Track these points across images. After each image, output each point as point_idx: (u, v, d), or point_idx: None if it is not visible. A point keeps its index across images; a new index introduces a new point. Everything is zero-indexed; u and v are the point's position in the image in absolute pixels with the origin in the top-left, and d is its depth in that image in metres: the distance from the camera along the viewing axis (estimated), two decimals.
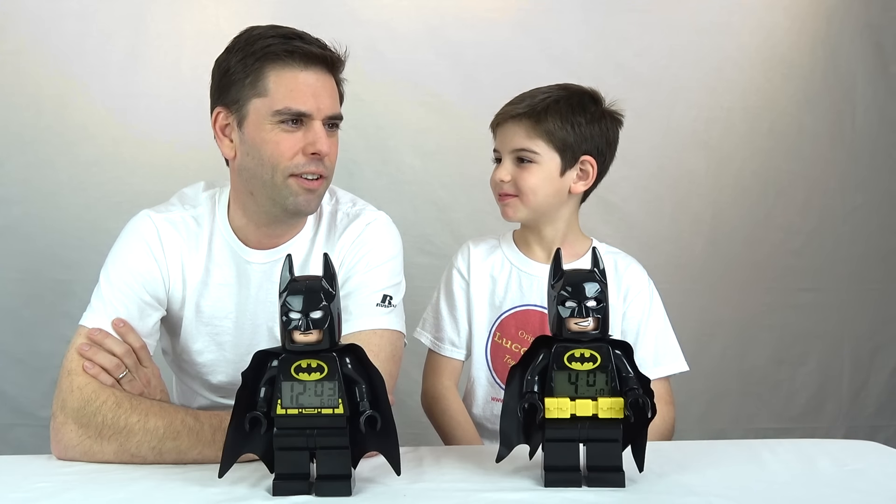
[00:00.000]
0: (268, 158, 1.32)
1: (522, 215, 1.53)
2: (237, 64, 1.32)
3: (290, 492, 1.06)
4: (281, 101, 1.30)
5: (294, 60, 1.31)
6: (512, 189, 1.51)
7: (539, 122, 1.48)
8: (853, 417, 2.56)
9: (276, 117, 1.30)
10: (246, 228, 1.41)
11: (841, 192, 2.52)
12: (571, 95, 1.51)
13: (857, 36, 2.48)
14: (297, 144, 1.31)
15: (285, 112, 1.30)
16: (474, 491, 1.09)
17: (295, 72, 1.31)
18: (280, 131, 1.31)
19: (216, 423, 1.21)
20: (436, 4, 2.35)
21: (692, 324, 2.39)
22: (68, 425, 1.23)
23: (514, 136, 1.50)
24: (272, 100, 1.30)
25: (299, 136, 1.31)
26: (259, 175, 1.33)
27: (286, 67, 1.31)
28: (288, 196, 1.33)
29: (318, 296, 1.03)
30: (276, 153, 1.31)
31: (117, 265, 1.37)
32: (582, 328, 1.07)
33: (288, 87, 1.30)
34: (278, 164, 1.31)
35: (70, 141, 2.26)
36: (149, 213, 1.41)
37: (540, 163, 1.49)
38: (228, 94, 1.34)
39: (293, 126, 1.31)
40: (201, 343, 1.44)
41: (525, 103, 1.49)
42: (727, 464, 1.21)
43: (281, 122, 1.31)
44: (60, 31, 2.25)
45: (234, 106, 1.34)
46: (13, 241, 2.26)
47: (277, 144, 1.31)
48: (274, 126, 1.31)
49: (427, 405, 1.60)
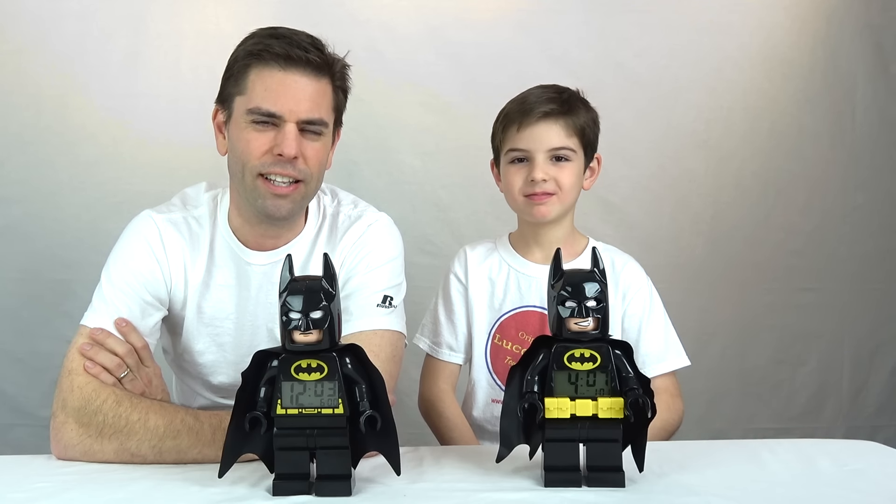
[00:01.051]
0: (239, 156, 1.33)
1: (556, 213, 1.51)
2: (231, 62, 1.35)
3: (290, 492, 1.06)
4: (255, 99, 1.30)
5: (275, 60, 1.30)
6: (553, 187, 1.49)
7: (573, 120, 1.48)
8: (853, 417, 2.56)
9: (248, 116, 1.31)
10: (243, 228, 1.41)
11: (841, 192, 2.53)
12: (574, 93, 1.53)
13: (857, 36, 2.48)
14: (266, 144, 1.31)
15: (256, 111, 1.30)
16: (474, 491, 1.09)
17: (273, 72, 1.30)
18: (252, 130, 1.31)
19: (216, 422, 1.21)
20: (436, 5, 2.35)
21: (692, 323, 2.39)
22: (68, 424, 1.23)
23: (551, 134, 1.48)
24: (248, 98, 1.31)
25: (270, 137, 1.31)
26: (235, 173, 1.35)
27: (266, 67, 1.30)
28: (256, 198, 1.33)
29: (318, 296, 1.03)
30: (246, 151, 1.31)
31: (119, 265, 1.37)
32: (582, 328, 1.07)
33: (264, 86, 1.30)
34: (247, 162, 1.32)
35: (70, 141, 2.26)
36: (150, 214, 1.41)
37: (574, 160, 1.50)
38: (223, 91, 1.36)
39: (264, 126, 1.31)
40: (202, 343, 1.44)
41: (552, 102, 1.48)
42: (727, 464, 1.21)
43: (253, 122, 1.31)
44: (61, 31, 2.25)
45: (224, 103, 1.36)
46: (13, 241, 2.26)
47: (248, 143, 1.31)
48: (248, 124, 1.31)
49: (424, 409, 1.60)
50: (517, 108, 1.51)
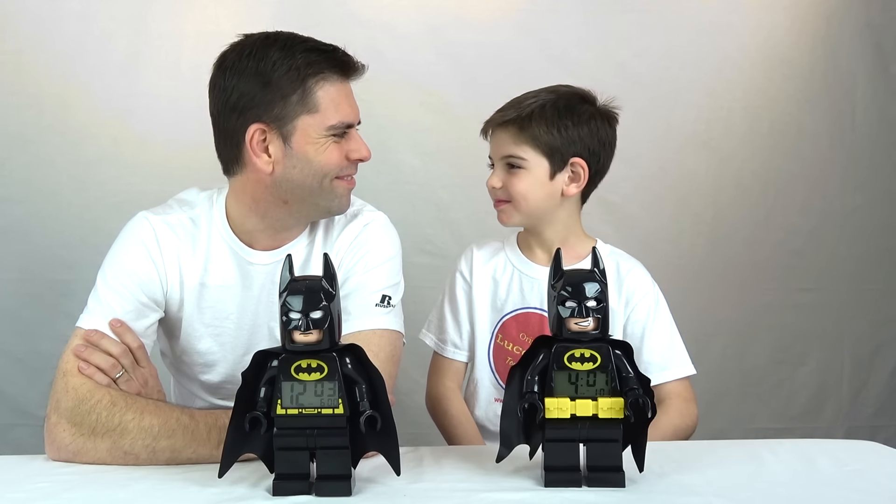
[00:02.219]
0: (319, 169, 1.34)
1: (517, 220, 1.55)
2: (281, 79, 1.30)
3: (290, 492, 1.06)
4: (333, 116, 1.33)
5: (337, 74, 1.34)
6: (504, 195, 1.52)
7: (524, 128, 1.48)
8: (853, 417, 2.56)
9: (329, 131, 1.33)
10: (254, 233, 1.41)
11: (841, 192, 2.52)
12: (559, 98, 1.50)
13: (857, 36, 2.48)
14: (343, 152, 1.36)
15: (340, 126, 1.34)
16: (474, 491, 1.09)
17: (338, 86, 1.34)
18: (331, 143, 1.35)
19: (211, 421, 1.21)
20: (436, 4, 2.35)
21: (692, 324, 2.37)
22: (61, 425, 1.23)
23: (503, 142, 1.51)
24: (324, 116, 1.33)
25: (343, 144, 1.36)
26: (307, 185, 1.35)
27: (332, 82, 1.33)
28: (333, 199, 1.38)
29: (318, 296, 1.03)
30: (329, 163, 1.35)
31: (114, 267, 1.37)
32: (582, 328, 1.07)
33: (336, 101, 1.34)
34: (329, 172, 1.35)
35: (71, 141, 2.26)
36: (146, 215, 1.41)
37: (528, 168, 1.50)
38: (271, 110, 1.31)
39: (341, 137, 1.36)
40: (203, 344, 1.44)
41: (512, 110, 1.51)
42: (727, 464, 1.21)
43: (333, 135, 1.34)
44: (61, 31, 2.24)
45: (277, 122, 1.32)
46: (13, 241, 2.26)
47: (331, 156, 1.35)
48: (326, 139, 1.34)
49: (430, 406, 1.61)
50: (491, 115, 1.55)
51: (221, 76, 1.34)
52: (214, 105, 1.36)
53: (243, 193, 1.39)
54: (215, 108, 1.36)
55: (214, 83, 1.35)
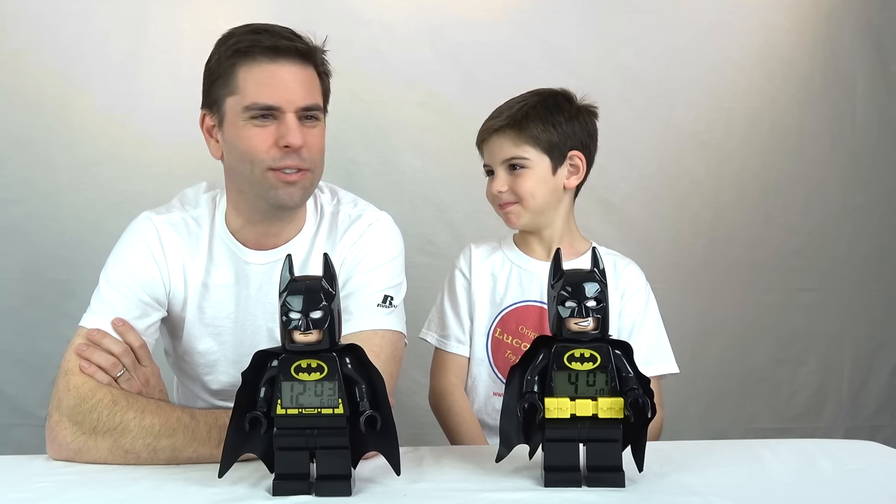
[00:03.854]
0: (244, 154, 1.32)
1: (525, 220, 1.57)
2: (214, 64, 1.34)
3: (290, 492, 1.06)
4: (250, 96, 1.30)
5: (261, 54, 1.30)
6: (511, 197, 1.55)
7: (522, 129, 1.53)
8: (853, 417, 2.56)
9: (246, 113, 1.31)
10: (243, 229, 1.41)
11: (841, 192, 2.53)
12: (545, 98, 1.56)
13: (857, 36, 2.48)
14: (270, 138, 1.31)
15: (254, 107, 1.30)
16: (474, 491, 1.09)
17: (262, 65, 1.31)
18: (252, 126, 1.31)
19: (212, 420, 1.21)
20: (436, 4, 2.35)
21: (692, 324, 2.39)
22: (62, 424, 1.23)
23: (502, 147, 1.55)
24: (242, 96, 1.31)
25: (272, 130, 1.31)
26: (241, 172, 1.35)
27: (254, 62, 1.31)
28: (269, 190, 1.33)
29: (318, 296, 1.03)
30: (251, 148, 1.31)
31: (117, 267, 1.38)
32: (582, 328, 1.07)
33: (256, 81, 1.30)
34: (254, 158, 1.32)
35: (70, 141, 2.26)
36: (149, 215, 1.41)
37: (531, 167, 1.54)
38: (209, 95, 1.36)
39: (264, 120, 1.31)
40: (204, 344, 1.44)
41: (504, 115, 1.55)
42: (727, 464, 1.21)
43: (252, 118, 1.31)
44: (61, 32, 2.25)
45: (214, 107, 1.35)
46: (13, 241, 2.26)
47: (251, 140, 1.31)
48: (246, 122, 1.31)
49: (434, 402, 1.62)
50: (481, 126, 1.59)
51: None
52: None
53: (225, 186, 1.42)
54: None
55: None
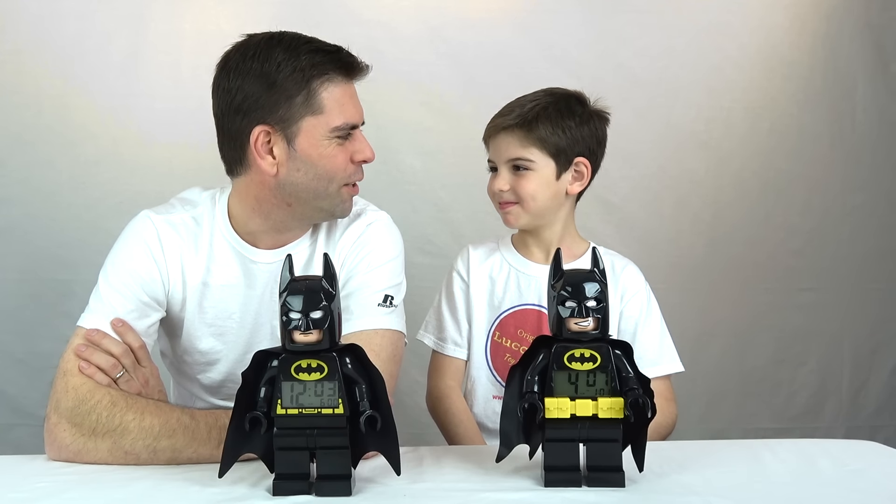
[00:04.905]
0: (325, 172, 1.34)
1: (524, 221, 1.56)
2: (286, 81, 1.29)
3: (290, 492, 1.06)
4: (338, 117, 1.32)
5: (342, 75, 1.33)
6: (512, 197, 1.54)
7: (531, 130, 1.51)
8: (853, 417, 2.56)
9: (333, 133, 1.33)
10: (257, 233, 1.40)
11: (841, 192, 2.52)
12: (558, 100, 1.54)
13: (857, 36, 2.48)
14: (348, 155, 1.35)
15: (344, 127, 1.33)
16: (474, 491, 1.09)
17: (343, 87, 1.34)
18: (336, 146, 1.34)
19: (212, 421, 1.21)
20: (436, 4, 2.35)
21: (692, 324, 2.39)
22: (61, 425, 1.23)
23: (508, 146, 1.53)
24: (329, 117, 1.32)
25: (347, 147, 1.35)
26: (312, 188, 1.34)
27: (336, 83, 1.32)
28: (338, 204, 1.38)
29: (318, 296, 1.03)
30: (334, 167, 1.34)
31: (116, 266, 1.37)
32: (582, 328, 1.07)
33: (340, 102, 1.33)
34: (335, 176, 1.34)
35: (70, 141, 2.26)
36: (149, 214, 1.41)
37: (536, 169, 1.52)
38: (276, 112, 1.31)
39: (344, 140, 1.34)
40: (205, 343, 1.43)
41: (515, 113, 1.53)
42: (727, 464, 1.21)
43: (338, 138, 1.34)
44: (61, 31, 2.24)
45: (281, 124, 1.31)
46: (13, 241, 2.26)
47: (335, 158, 1.34)
48: (331, 142, 1.33)
49: (431, 405, 1.62)
50: (490, 120, 1.57)
51: (225, 77, 1.33)
52: (218, 106, 1.35)
53: (246, 194, 1.39)
54: (219, 109, 1.35)
55: (218, 84, 1.34)
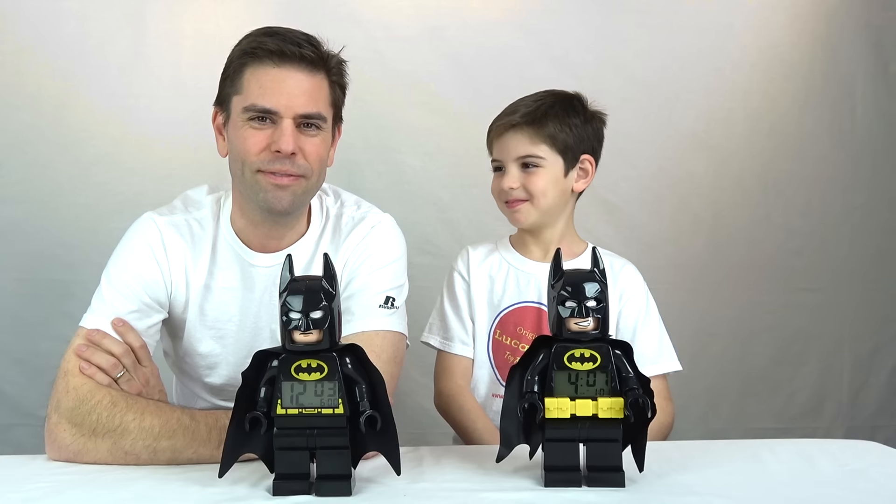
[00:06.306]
0: (238, 154, 1.33)
1: (533, 219, 1.56)
2: (227, 63, 1.36)
3: (290, 492, 1.06)
4: (250, 97, 1.31)
5: (268, 57, 1.30)
6: (521, 195, 1.54)
7: (540, 127, 1.52)
8: (853, 417, 2.56)
9: (245, 114, 1.31)
10: (246, 230, 1.41)
11: (841, 192, 2.53)
12: (562, 99, 1.56)
13: (857, 36, 2.48)
14: (264, 141, 1.31)
15: (251, 109, 1.31)
16: (474, 491, 1.09)
17: (267, 69, 1.31)
18: (248, 128, 1.31)
19: (212, 421, 1.21)
20: (436, 5, 2.35)
21: (692, 324, 2.39)
22: (62, 425, 1.23)
23: (518, 143, 1.53)
24: (244, 97, 1.32)
25: (268, 134, 1.31)
26: (235, 171, 1.36)
27: (261, 64, 1.31)
28: (258, 192, 1.33)
29: (318, 296, 1.03)
30: (244, 149, 1.32)
31: (119, 267, 1.37)
32: (582, 328, 1.07)
33: (259, 83, 1.31)
34: (245, 159, 1.32)
35: (70, 141, 2.26)
36: (152, 216, 1.41)
37: (545, 166, 1.53)
38: (220, 93, 1.37)
39: (262, 123, 1.31)
40: (205, 345, 1.44)
41: (521, 112, 1.54)
42: (727, 464, 1.21)
43: (250, 119, 1.31)
44: (60, 31, 2.24)
45: (222, 105, 1.37)
46: (13, 241, 2.26)
47: (245, 141, 1.32)
48: (244, 123, 1.32)
49: (443, 405, 1.60)
50: (495, 120, 1.58)
51: None
52: None
53: (231, 188, 1.42)
54: None
55: None
